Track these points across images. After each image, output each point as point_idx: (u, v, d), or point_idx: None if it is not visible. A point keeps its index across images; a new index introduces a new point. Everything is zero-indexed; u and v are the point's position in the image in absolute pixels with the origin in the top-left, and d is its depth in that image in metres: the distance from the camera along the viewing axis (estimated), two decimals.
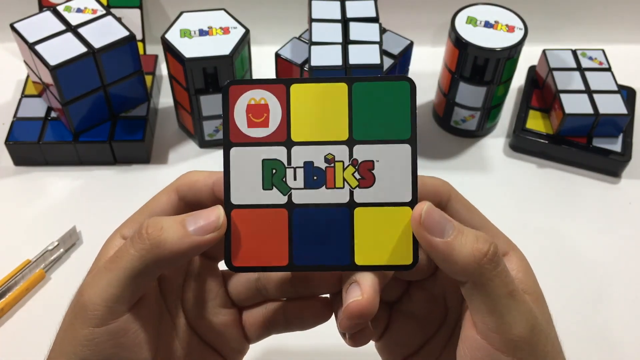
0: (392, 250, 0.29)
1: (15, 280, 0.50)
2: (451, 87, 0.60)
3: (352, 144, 0.30)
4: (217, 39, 0.54)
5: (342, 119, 0.30)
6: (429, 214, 0.28)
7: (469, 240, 0.28)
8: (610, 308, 0.50)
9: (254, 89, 0.30)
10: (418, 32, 0.65)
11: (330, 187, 0.30)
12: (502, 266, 0.28)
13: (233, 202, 0.30)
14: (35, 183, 0.58)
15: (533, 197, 0.59)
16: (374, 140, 0.30)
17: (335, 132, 0.30)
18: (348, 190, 0.30)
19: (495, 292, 0.28)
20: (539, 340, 0.29)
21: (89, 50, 0.53)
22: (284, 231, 0.30)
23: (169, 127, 0.63)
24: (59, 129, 0.58)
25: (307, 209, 0.30)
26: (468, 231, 0.28)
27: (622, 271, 0.53)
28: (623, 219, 0.57)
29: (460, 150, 0.63)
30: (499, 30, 0.57)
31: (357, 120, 0.30)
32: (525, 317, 0.28)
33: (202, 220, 0.28)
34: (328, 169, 0.30)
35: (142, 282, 0.28)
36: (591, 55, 0.65)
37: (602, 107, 0.59)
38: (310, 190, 0.30)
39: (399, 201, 0.29)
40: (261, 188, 0.30)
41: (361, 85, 0.30)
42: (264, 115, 0.30)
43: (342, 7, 0.55)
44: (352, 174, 0.30)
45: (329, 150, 0.30)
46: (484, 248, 0.28)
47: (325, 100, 0.30)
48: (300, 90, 0.30)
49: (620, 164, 0.59)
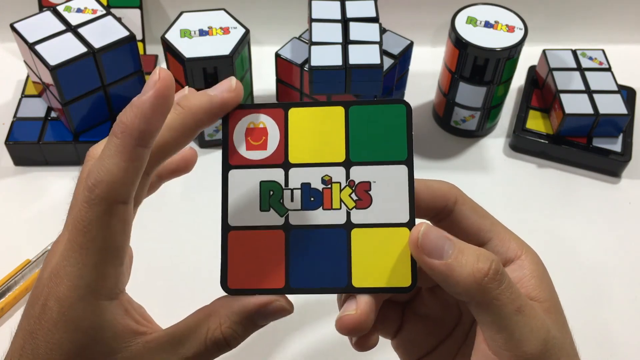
0: (390, 271, 0.29)
1: (15, 280, 0.50)
2: (451, 87, 0.60)
3: (349, 166, 0.30)
4: (217, 39, 0.54)
5: (339, 141, 0.30)
6: (426, 235, 0.28)
7: (469, 261, 0.27)
8: (610, 308, 0.50)
9: (253, 113, 0.30)
10: (418, 32, 0.65)
11: (327, 208, 0.30)
12: (506, 282, 0.28)
13: (230, 224, 0.30)
14: (36, 183, 0.58)
15: (533, 197, 0.59)
16: (371, 162, 0.30)
17: (333, 154, 0.30)
18: (345, 212, 0.30)
19: (502, 310, 0.27)
20: (553, 354, 0.28)
21: (89, 50, 0.53)
22: (280, 253, 0.30)
23: None
24: (59, 129, 0.58)
25: (304, 231, 0.30)
26: (469, 250, 0.28)
27: (622, 271, 0.53)
28: (623, 219, 0.57)
29: (460, 150, 0.63)
30: (499, 30, 0.57)
31: (354, 142, 0.30)
32: (536, 333, 0.28)
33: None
34: (325, 190, 0.30)
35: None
36: (591, 55, 0.65)
37: (602, 107, 0.59)
38: (307, 212, 0.30)
39: (396, 222, 0.29)
40: (258, 209, 0.30)
41: (358, 109, 0.30)
42: (262, 138, 0.31)
43: (342, 7, 0.55)
44: (349, 195, 0.30)
45: (326, 171, 0.30)
46: (484, 267, 0.27)
47: (323, 124, 0.30)
48: (298, 114, 0.30)
49: (620, 164, 0.59)
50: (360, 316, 0.28)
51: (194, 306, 0.30)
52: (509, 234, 0.31)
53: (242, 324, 0.29)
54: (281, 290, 0.29)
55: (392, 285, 0.29)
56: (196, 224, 0.54)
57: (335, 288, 0.29)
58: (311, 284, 0.29)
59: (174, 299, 0.48)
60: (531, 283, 0.30)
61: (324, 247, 0.30)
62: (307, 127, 0.30)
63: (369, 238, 0.29)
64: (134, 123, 0.27)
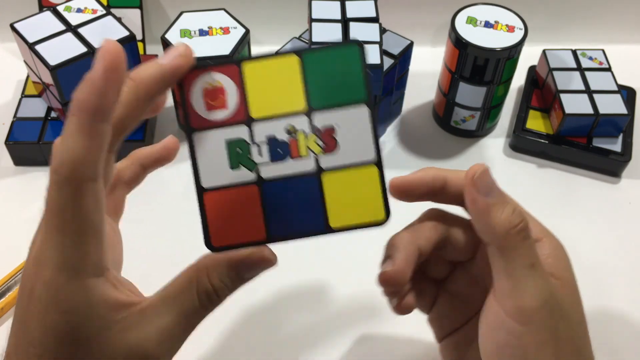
0: (364, 209, 0.30)
1: (15, 280, 0.50)
2: (451, 87, 0.60)
3: (311, 113, 0.30)
4: (217, 39, 0.54)
5: (297, 90, 0.30)
6: (482, 175, 0.32)
7: (507, 210, 0.31)
8: (610, 308, 0.50)
9: (207, 72, 0.30)
10: (418, 32, 0.65)
11: (295, 157, 0.31)
12: (529, 241, 0.31)
13: (204, 186, 0.31)
14: (36, 183, 0.58)
15: (533, 197, 0.59)
16: (331, 106, 0.30)
17: (293, 103, 0.30)
18: (313, 158, 0.31)
19: (517, 260, 0.30)
20: (551, 317, 0.30)
21: (89, 50, 0.53)
22: (257, 206, 0.30)
23: (169, 127, 0.63)
24: (59, 129, 0.58)
25: (277, 182, 0.30)
26: (509, 203, 0.31)
27: (622, 271, 0.53)
28: (623, 219, 0.57)
29: (460, 150, 0.63)
30: (499, 30, 0.57)
31: (313, 89, 0.30)
32: (539, 291, 0.30)
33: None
34: (291, 140, 0.31)
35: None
36: (591, 55, 0.65)
37: (602, 107, 0.59)
38: (276, 164, 0.31)
39: (363, 160, 0.30)
40: (229, 168, 0.31)
41: (312, 55, 0.30)
42: (220, 97, 0.31)
43: (342, 7, 0.55)
44: (315, 142, 0.30)
45: (290, 121, 0.31)
46: (516, 220, 0.30)
47: (279, 75, 0.30)
48: (253, 68, 0.30)
49: (620, 164, 0.59)
50: (396, 271, 0.32)
51: None
52: (532, 220, 0.33)
53: (229, 277, 0.30)
54: (263, 241, 0.30)
55: (367, 221, 0.30)
56: (198, 224, 0.54)
57: (314, 231, 0.30)
58: (291, 232, 0.30)
59: None
60: (548, 262, 0.32)
61: (298, 195, 0.31)
62: (264, 80, 0.31)
63: (340, 180, 0.31)
64: (89, 99, 0.26)
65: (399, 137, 0.63)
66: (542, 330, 0.30)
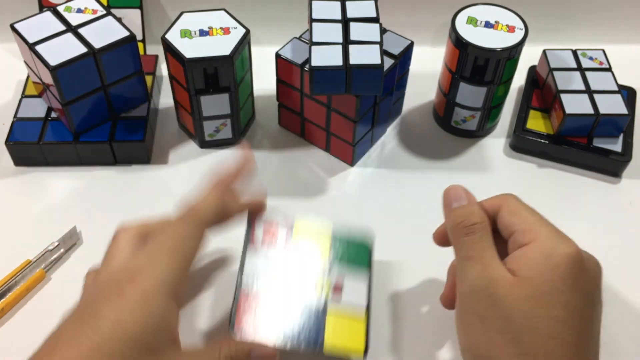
0: (349, 339, 0.41)
1: (16, 280, 0.50)
2: (451, 87, 0.60)
3: (331, 265, 0.45)
4: (218, 39, 0.54)
5: (325, 247, 0.46)
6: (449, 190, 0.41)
7: (458, 211, 0.39)
8: (611, 308, 0.50)
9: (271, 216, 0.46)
10: (418, 32, 0.65)
11: None
12: (470, 238, 0.38)
13: (242, 286, 0.43)
14: (36, 183, 0.58)
15: (533, 197, 0.58)
16: (344, 265, 0.45)
17: (321, 254, 0.45)
18: (324, 295, 0.43)
19: (458, 253, 0.39)
20: (478, 302, 0.36)
21: (89, 50, 0.53)
22: (275, 313, 0.41)
23: (170, 127, 0.63)
24: (59, 129, 0.58)
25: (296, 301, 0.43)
26: (469, 207, 0.39)
27: (623, 271, 0.52)
28: (623, 219, 0.57)
29: (460, 150, 0.63)
30: (499, 30, 0.57)
31: (335, 251, 0.46)
32: (470, 279, 0.37)
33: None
34: None
35: None
36: (591, 56, 0.65)
37: (602, 107, 0.59)
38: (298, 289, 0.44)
39: (358, 304, 0.43)
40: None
41: (340, 234, 0.46)
42: (274, 233, 0.46)
43: (343, 8, 0.55)
44: (328, 284, 0.44)
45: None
46: (459, 219, 0.39)
47: (316, 234, 0.46)
48: (301, 223, 0.47)
49: (621, 164, 0.59)
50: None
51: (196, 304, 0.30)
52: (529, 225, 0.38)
53: (241, 356, 0.37)
54: (271, 344, 0.40)
55: (349, 349, 0.41)
56: None
57: (310, 348, 0.40)
58: (294, 344, 0.40)
59: None
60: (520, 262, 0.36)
61: (309, 315, 0.42)
62: (306, 233, 0.46)
63: (339, 315, 0.42)
64: (230, 168, 0.42)
65: (399, 137, 0.63)
66: (469, 313, 0.36)
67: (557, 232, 0.37)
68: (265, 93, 0.65)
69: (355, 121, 0.55)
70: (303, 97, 0.58)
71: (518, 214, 0.39)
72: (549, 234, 0.37)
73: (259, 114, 0.65)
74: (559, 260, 0.35)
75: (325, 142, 0.60)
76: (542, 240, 0.36)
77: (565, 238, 0.37)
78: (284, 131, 0.64)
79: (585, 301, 0.35)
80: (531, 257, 0.36)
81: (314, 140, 0.62)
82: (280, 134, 0.63)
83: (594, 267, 0.37)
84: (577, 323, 0.34)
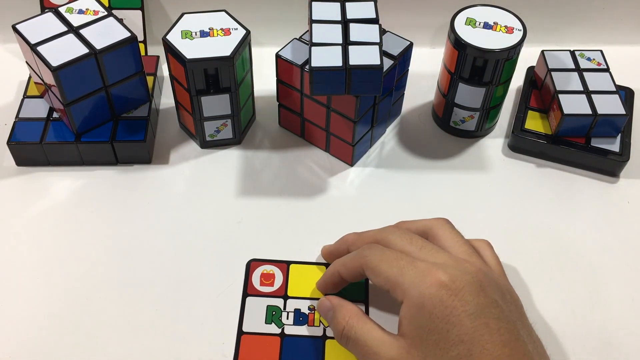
0: None
1: None
2: (450, 88, 0.60)
3: None
4: (218, 40, 0.55)
5: None
6: (318, 305, 0.46)
7: (334, 324, 0.43)
8: (609, 308, 0.50)
9: (266, 265, 0.49)
10: (418, 33, 0.65)
11: (311, 325, 0.46)
12: (350, 340, 0.41)
13: (243, 330, 0.45)
14: (38, 183, 0.58)
15: (532, 197, 0.59)
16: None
17: (316, 293, 0.48)
18: (322, 328, 0.46)
19: (334, 331, 0.43)
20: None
21: (90, 51, 0.53)
22: (276, 353, 0.44)
23: (170, 128, 0.64)
24: (61, 130, 0.58)
25: (294, 338, 0.45)
26: (336, 318, 0.43)
27: (621, 271, 0.53)
28: (621, 218, 0.57)
29: (459, 150, 0.63)
30: (498, 31, 0.57)
31: None
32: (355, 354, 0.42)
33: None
34: (310, 314, 0.46)
35: None
36: (589, 56, 0.65)
37: (600, 107, 0.59)
38: (297, 326, 0.46)
39: None
40: (264, 322, 0.46)
41: None
42: (271, 279, 0.48)
43: (342, 9, 0.56)
44: None
45: (311, 303, 0.47)
46: (336, 331, 0.43)
47: (311, 276, 0.49)
48: (296, 268, 0.49)
49: (619, 164, 0.60)
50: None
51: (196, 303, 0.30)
52: (401, 288, 0.40)
53: None
54: None
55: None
56: (200, 224, 0.55)
57: None
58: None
59: (176, 298, 0.48)
60: (402, 323, 0.39)
61: (307, 351, 0.44)
62: (301, 275, 0.49)
63: (337, 347, 0.44)
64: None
65: (399, 138, 0.64)
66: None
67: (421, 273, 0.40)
68: (265, 93, 0.65)
69: (354, 121, 0.55)
70: (303, 97, 0.58)
71: (379, 274, 0.41)
72: (403, 288, 0.40)
73: (260, 115, 0.65)
74: (420, 309, 0.38)
75: (325, 142, 0.61)
76: (406, 296, 0.39)
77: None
78: (284, 131, 0.64)
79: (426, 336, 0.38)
80: (407, 315, 0.39)
81: (314, 140, 0.62)
82: (280, 134, 0.64)
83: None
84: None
